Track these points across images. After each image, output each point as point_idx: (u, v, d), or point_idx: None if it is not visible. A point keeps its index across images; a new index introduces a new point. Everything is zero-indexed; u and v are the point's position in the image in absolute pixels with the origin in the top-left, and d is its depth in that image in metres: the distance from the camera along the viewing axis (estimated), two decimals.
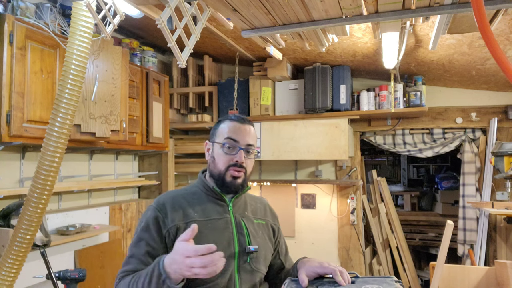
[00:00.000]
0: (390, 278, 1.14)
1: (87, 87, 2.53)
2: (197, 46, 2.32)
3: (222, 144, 1.27)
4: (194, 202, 1.27)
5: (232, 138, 1.27)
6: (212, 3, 1.79)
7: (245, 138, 1.28)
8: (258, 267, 1.27)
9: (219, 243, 1.17)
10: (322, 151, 3.48)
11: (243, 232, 1.26)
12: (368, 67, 3.50)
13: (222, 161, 1.26)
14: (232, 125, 1.29)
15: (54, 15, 2.44)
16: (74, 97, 1.77)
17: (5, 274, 1.81)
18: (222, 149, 1.27)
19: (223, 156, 1.27)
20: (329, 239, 3.80)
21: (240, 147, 1.26)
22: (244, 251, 1.24)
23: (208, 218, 1.24)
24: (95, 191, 3.22)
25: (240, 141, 1.27)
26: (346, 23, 1.90)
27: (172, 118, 4.02)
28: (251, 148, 1.29)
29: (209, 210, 1.26)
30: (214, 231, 1.22)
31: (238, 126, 1.29)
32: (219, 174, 1.27)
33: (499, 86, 3.39)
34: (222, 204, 1.29)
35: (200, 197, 1.29)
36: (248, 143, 1.28)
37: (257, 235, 1.30)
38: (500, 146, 3.14)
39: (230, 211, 1.29)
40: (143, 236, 1.20)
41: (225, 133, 1.28)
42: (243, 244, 1.24)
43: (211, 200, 1.29)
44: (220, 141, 1.28)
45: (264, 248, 1.30)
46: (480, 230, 3.37)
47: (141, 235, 1.20)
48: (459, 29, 2.01)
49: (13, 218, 2.19)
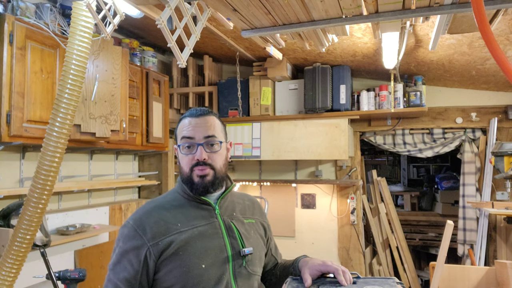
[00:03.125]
0: (392, 279, 1.14)
1: (87, 87, 2.53)
2: (197, 46, 2.32)
3: (179, 146, 1.19)
4: (175, 211, 1.17)
5: (186, 137, 1.17)
6: (212, 3, 1.79)
7: (201, 131, 1.17)
8: (254, 270, 1.21)
9: (210, 250, 1.12)
10: (322, 151, 3.48)
11: (235, 235, 1.18)
12: (368, 67, 3.50)
13: (185, 163, 1.18)
14: (186, 122, 1.20)
15: (54, 15, 2.44)
16: (74, 97, 1.77)
17: (5, 274, 1.81)
18: (181, 151, 1.19)
19: (184, 158, 1.18)
20: (329, 239, 3.80)
21: (197, 143, 1.16)
22: (238, 255, 1.16)
23: (193, 226, 1.14)
24: (95, 191, 3.22)
25: (195, 137, 1.17)
26: (346, 23, 1.90)
27: (172, 118, 4.02)
28: (212, 140, 1.17)
29: (193, 216, 1.17)
30: (203, 239, 1.13)
31: (192, 121, 1.19)
32: (186, 176, 1.18)
33: (499, 86, 3.39)
34: (207, 208, 1.20)
35: (181, 203, 1.19)
36: (206, 135, 1.17)
37: (249, 235, 1.23)
38: (500, 146, 3.14)
39: (217, 214, 1.20)
40: (120, 259, 1.12)
41: (181, 133, 1.20)
42: (236, 248, 1.17)
43: (194, 205, 1.19)
44: (178, 143, 1.20)
45: (258, 249, 1.24)
46: (480, 230, 3.37)
47: (118, 257, 1.12)
48: (459, 29, 2.00)
49: (13, 218, 2.19)
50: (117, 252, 1.14)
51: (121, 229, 1.16)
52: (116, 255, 1.14)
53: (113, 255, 1.15)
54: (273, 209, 3.91)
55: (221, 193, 1.24)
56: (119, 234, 1.16)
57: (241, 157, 3.73)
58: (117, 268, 1.12)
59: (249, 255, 1.18)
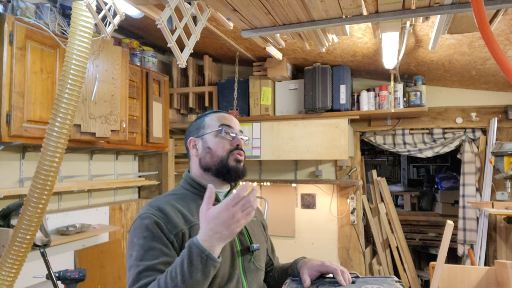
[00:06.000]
0: (390, 278, 1.15)
1: (87, 87, 2.53)
2: (197, 46, 2.32)
3: (218, 131, 1.21)
4: (188, 204, 1.17)
5: (227, 124, 1.23)
6: (212, 3, 1.79)
7: (237, 124, 1.26)
8: (261, 265, 1.24)
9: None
10: (322, 151, 3.48)
11: (242, 231, 1.20)
12: (368, 67, 3.50)
13: (222, 147, 1.19)
14: (221, 115, 1.26)
15: (54, 15, 2.44)
16: (74, 97, 1.77)
17: (5, 274, 1.81)
18: (217, 137, 1.21)
19: (221, 142, 1.20)
20: (329, 239, 3.80)
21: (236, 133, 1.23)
22: (247, 251, 1.19)
23: None
24: (95, 191, 3.22)
25: (235, 127, 1.25)
26: (346, 23, 1.90)
27: (172, 118, 4.02)
28: (243, 135, 1.26)
29: None
30: None
31: (227, 115, 1.27)
32: (220, 161, 1.18)
33: (499, 86, 3.39)
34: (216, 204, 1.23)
35: (192, 199, 1.20)
36: (240, 130, 1.26)
37: (254, 232, 1.26)
38: (500, 146, 3.14)
39: None
40: (151, 245, 1.03)
41: (217, 122, 1.23)
42: (244, 243, 1.19)
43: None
44: (213, 130, 1.22)
45: (262, 245, 1.27)
46: (480, 230, 3.37)
47: (149, 244, 1.03)
48: (459, 29, 2.01)
49: (13, 218, 2.19)
50: (141, 243, 1.03)
51: (139, 223, 1.08)
52: (140, 247, 1.03)
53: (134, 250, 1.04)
54: (273, 209, 3.91)
55: (228, 190, 1.27)
56: (138, 226, 1.07)
57: None
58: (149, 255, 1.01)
59: (256, 250, 1.21)
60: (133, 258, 1.03)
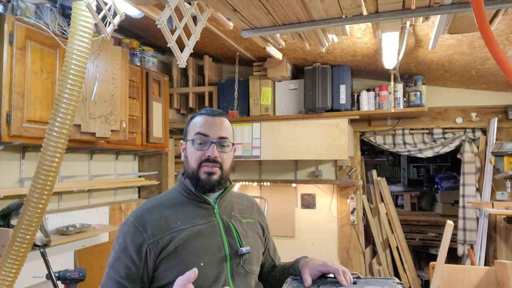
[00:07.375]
0: (392, 279, 1.14)
1: (87, 87, 2.53)
2: (197, 46, 2.32)
3: (192, 141, 1.20)
4: (175, 209, 1.18)
5: (201, 133, 1.20)
6: (212, 3, 1.79)
7: (216, 131, 1.20)
8: (251, 268, 1.21)
9: (208, 248, 1.13)
10: (322, 151, 3.48)
11: (233, 234, 1.20)
12: (368, 67, 3.50)
13: (194, 158, 1.19)
14: (202, 120, 1.22)
15: (54, 15, 2.44)
16: (74, 97, 1.77)
17: (5, 274, 1.81)
18: (193, 145, 1.20)
19: (194, 152, 1.19)
20: (329, 239, 3.80)
21: (211, 141, 1.19)
22: (236, 254, 1.17)
23: (193, 225, 1.15)
24: (95, 191, 3.22)
25: (210, 135, 1.20)
26: (346, 23, 1.90)
27: (172, 118, 4.02)
28: (225, 141, 1.21)
29: (193, 215, 1.18)
30: (202, 237, 1.14)
31: (208, 120, 1.22)
32: (192, 172, 1.19)
33: (499, 86, 3.39)
34: (206, 207, 1.21)
35: (181, 201, 1.21)
36: (221, 136, 1.20)
37: (247, 235, 1.24)
38: (500, 146, 3.14)
39: (216, 214, 1.21)
40: (120, 255, 1.10)
41: (195, 129, 1.21)
42: (234, 247, 1.18)
43: (194, 203, 1.21)
44: (190, 138, 1.22)
45: (255, 248, 1.25)
46: (480, 230, 3.37)
47: (118, 254, 1.11)
48: (459, 29, 2.01)
49: (13, 218, 2.19)
50: (116, 249, 1.12)
51: (121, 226, 1.15)
52: (115, 252, 1.12)
53: (112, 253, 1.13)
54: (273, 209, 3.91)
55: (220, 193, 1.25)
56: (119, 231, 1.15)
57: (241, 157, 3.73)
58: (117, 265, 1.10)
59: (246, 254, 1.19)
60: (109, 258, 1.13)
